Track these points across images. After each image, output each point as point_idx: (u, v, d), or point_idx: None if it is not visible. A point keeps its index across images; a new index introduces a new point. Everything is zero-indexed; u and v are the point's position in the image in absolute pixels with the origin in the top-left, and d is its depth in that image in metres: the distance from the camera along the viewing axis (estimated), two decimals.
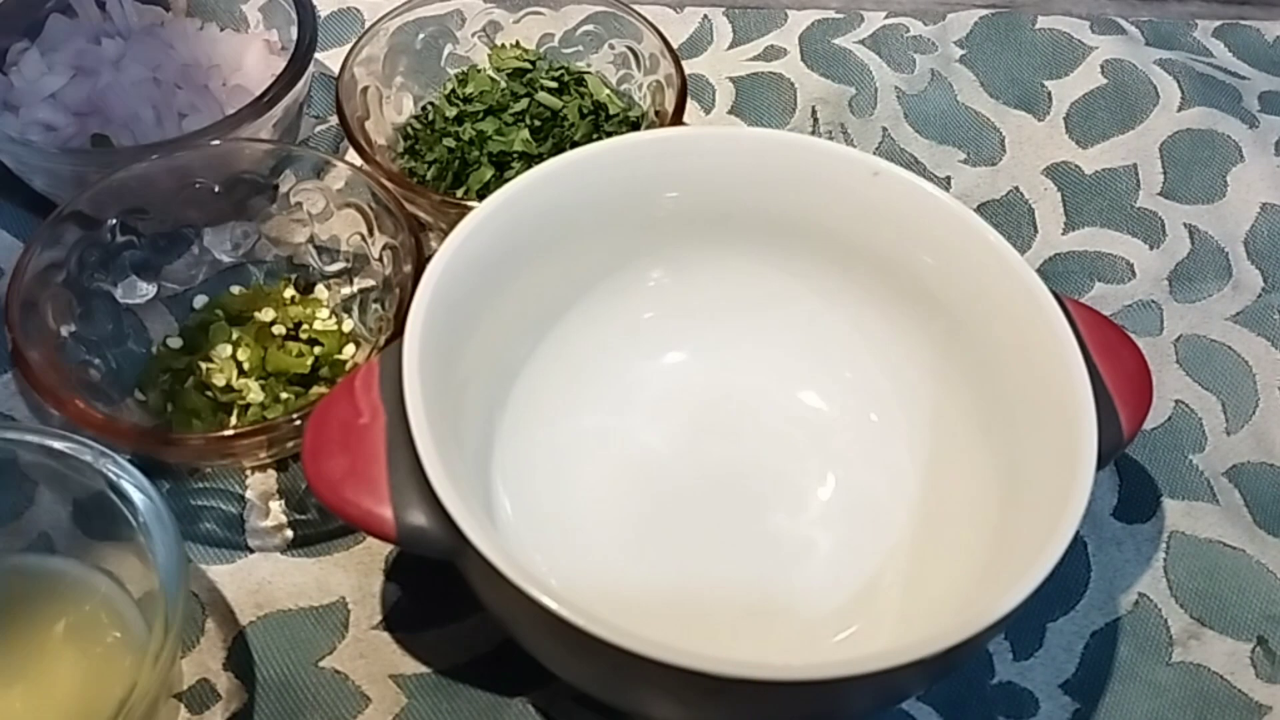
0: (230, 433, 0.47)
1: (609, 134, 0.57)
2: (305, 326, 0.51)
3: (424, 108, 0.60)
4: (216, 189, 0.52)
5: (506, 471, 0.46)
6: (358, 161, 0.53)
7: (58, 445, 0.42)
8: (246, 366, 0.50)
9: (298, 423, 0.45)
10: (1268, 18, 0.69)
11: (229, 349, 0.50)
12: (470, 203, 0.44)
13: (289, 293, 0.53)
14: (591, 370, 0.49)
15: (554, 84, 0.58)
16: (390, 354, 0.40)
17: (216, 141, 0.52)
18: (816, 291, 0.49)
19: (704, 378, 0.50)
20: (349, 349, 0.51)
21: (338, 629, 0.46)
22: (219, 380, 0.49)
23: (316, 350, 0.51)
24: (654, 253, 0.49)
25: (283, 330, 0.51)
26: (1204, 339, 0.55)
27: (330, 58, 0.64)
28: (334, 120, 0.59)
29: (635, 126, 0.58)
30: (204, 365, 0.50)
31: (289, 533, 0.48)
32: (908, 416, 0.48)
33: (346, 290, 0.53)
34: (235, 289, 0.53)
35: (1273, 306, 0.56)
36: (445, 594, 0.46)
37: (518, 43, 0.61)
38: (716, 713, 0.38)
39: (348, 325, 0.52)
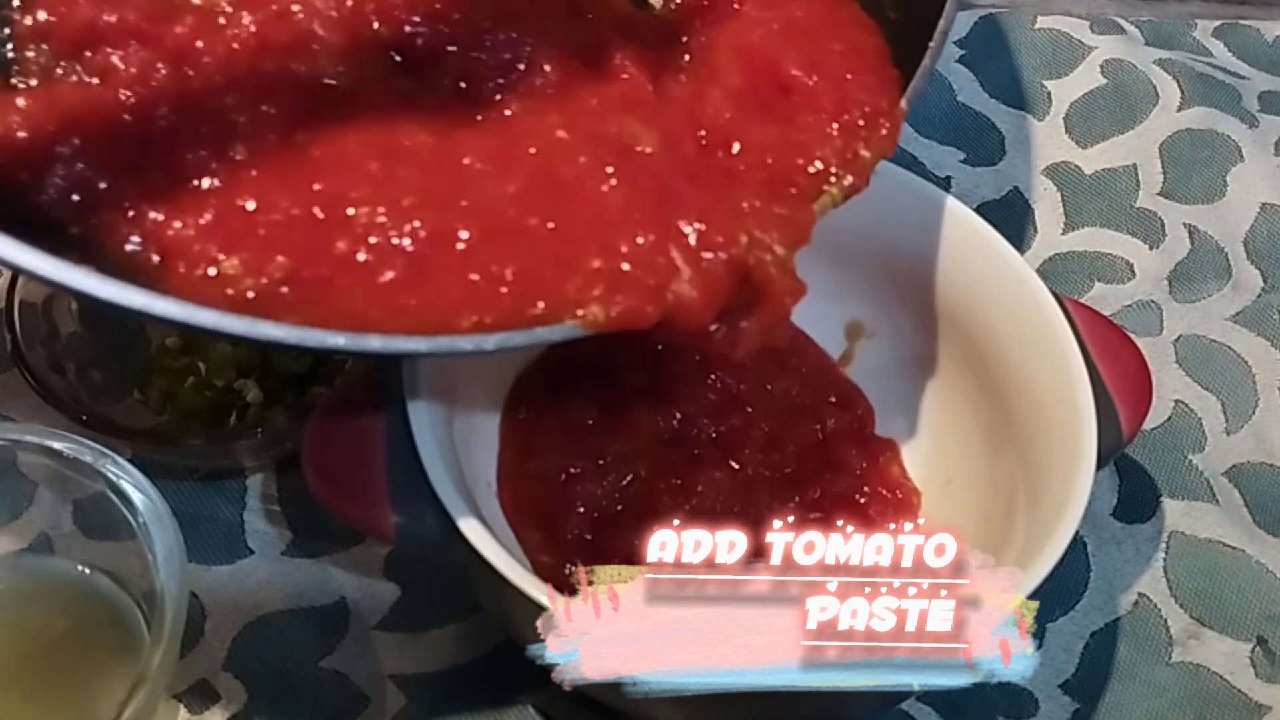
0: (230, 433, 0.47)
1: None
2: None
3: None
4: None
5: None
6: None
7: (58, 445, 0.42)
8: (246, 366, 0.50)
9: (298, 423, 0.45)
10: (1268, 18, 0.69)
11: (229, 349, 0.50)
12: None
13: None
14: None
15: None
16: None
17: None
18: (815, 292, 0.49)
19: None
20: None
21: (338, 629, 0.46)
22: (219, 380, 0.49)
23: None
24: None
25: None
26: (1204, 339, 0.55)
27: None
28: None
29: None
30: (204, 365, 0.50)
31: (289, 533, 0.48)
32: (907, 416, 0.48)
33: None
34: None
35: (1272, 306, 0.56)
36: (445, 594, 0.46)
37: None
38: (717, 713, 0.38)
39: None
